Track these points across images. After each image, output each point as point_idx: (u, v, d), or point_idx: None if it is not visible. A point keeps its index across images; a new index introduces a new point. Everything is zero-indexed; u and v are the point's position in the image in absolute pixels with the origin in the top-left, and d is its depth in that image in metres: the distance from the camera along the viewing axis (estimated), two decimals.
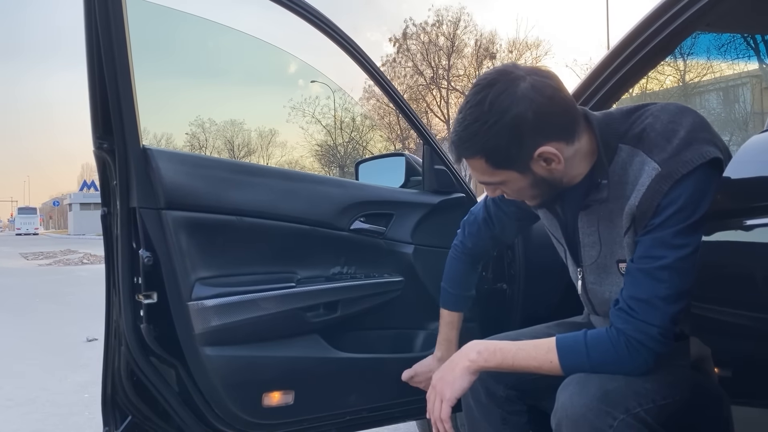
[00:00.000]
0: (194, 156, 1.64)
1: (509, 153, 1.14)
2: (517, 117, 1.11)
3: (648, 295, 1.12)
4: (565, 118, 1.15)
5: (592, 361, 1.15)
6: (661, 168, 1.12)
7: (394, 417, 1.83)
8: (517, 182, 1.21)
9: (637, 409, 1.11)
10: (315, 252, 1.66)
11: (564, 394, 1.14)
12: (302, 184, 1.68)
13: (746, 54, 2.95)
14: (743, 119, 20.15)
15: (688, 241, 1.10)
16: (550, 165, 1.16)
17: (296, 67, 21.62)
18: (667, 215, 1.11)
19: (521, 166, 1.17)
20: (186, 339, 1.48)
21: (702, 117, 1.18)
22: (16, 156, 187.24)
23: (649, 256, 1.13)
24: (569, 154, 1.17)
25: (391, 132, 29.08)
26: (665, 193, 1.11)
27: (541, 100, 1.11)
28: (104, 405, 1.59)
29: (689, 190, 1.10)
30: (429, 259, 1.80)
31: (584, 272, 1.34)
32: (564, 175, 1.20)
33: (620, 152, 1.18)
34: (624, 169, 1.18)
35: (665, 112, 1.18)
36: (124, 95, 1.40)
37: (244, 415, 1.54)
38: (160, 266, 1.46)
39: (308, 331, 1.62)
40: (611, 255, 1.26)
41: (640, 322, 1.12)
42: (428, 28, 29.49)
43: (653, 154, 1.13)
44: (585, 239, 1.30)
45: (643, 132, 1.16)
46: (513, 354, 1.22)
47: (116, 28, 1.37)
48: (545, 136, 1.13)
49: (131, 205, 1.47)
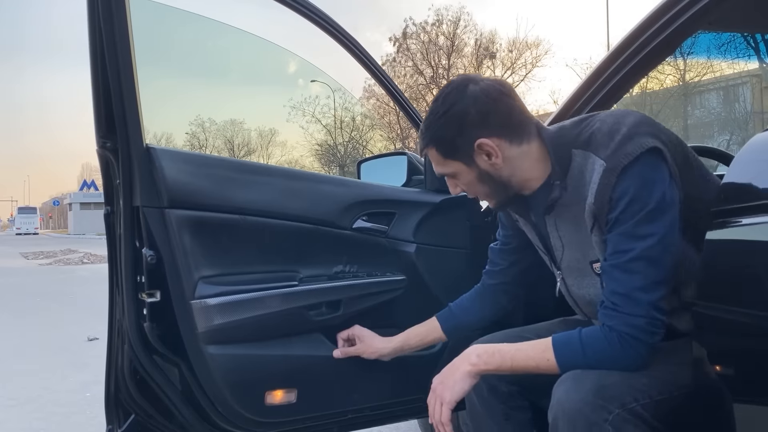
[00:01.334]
0: (197, 155, 1.64)
1: (454, 143, 1.28)
2: (462, 110, 1.26)
3: (626, 289, 1.16)
4: (508, 119, 1.27)
5: (588, 359, 1.18)
6: (607, 163, 1.19)
7: (396, 415, 1.84)
8: (466, 175, 1.32)
9: (633, 404, 1.13)
10: (318, 251, 1.66)
11: (560, 389, 1.16)
12: (305, 183, 1.68)
13: (746, 53, 2.95)
14: (743, 119, 20.14)
15: (651, 230, 1.16)
16: (491, 159, 1.28)
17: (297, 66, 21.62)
18: (622, 208, 1.17)
19: (466, 157, 1.29)
20: (189, 337, 1.48)
21: (646, 116, 1.27)
22: (17, 155, 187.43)
23: (618, 252, 1.18)
24: (513, 153, 1.28)
25: (391, 131, 29.08)
26: (613, 186, 1.18)
27: (486, 100, 1.26)
28: (107, 403, 1.60)
29: (637, 181, 1.17)
30: (431, 258, 1.80)
31: (563, 275, 1.40)
32: (511, 175, 1.30)
33: (575, 157, 1.26)
34: (581, 172, 1.25)
35: (611, 116, 1.28)
36: (127, 94, 1.40)
37: (247, 414, 1.55)
38: (164, 265, 1.46)
39: (311, 329, 1.63)
40: (584, 257, 1.32)
41: (625, 315, 1.15)
42: (428, 28, 29.51)
43: (600, 153, 1.21)
44: (556, 243, 1.37)
45: (592, 135, 1.25)
46: (511, 355, 1.25)
47: (119, 27, 1.37)
48: (485, 131, 1.26)
49: (134, 203, 1.48)
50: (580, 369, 1.17)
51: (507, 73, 28.92)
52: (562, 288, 1.43)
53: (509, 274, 1.59)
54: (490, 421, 1.47)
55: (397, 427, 2.77)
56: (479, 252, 1.86)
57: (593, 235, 1.26)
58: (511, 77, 28.90)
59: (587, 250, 1.31)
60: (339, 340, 1.66)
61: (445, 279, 1.82)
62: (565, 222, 1.33)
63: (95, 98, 1.46)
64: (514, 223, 1.54)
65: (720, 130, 21.01)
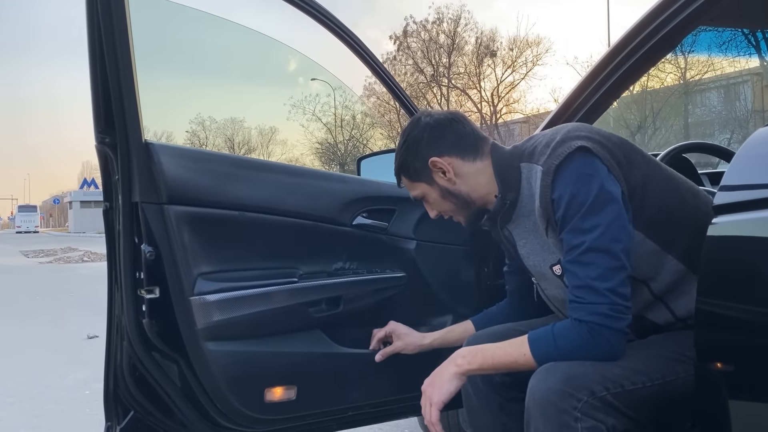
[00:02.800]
0: (196, 151, 1.64)
1: (414, 166, 1.45)
2: (415, 137, 1.44)
3: (584, 281, 1.22)
4: (459, 139, 1.42)
5: (560, 350, 1.23)
6: (542, 167, 1.30)
7: (396, 413, 1.84)
8: (431, 194, 1.47)
9: (603, 393, 1.17)
10: (317, 247, 1.65)
11: (533, 380, 1.22)
12: (305, 180, 1.68)
13: (747, 51, 2.94)
14: (744, 117, 20.12)
15: (596, 222, 1.22)
16: (446, 176, 1.42)
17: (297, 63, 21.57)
18: (564, 206, 1.25)
19: (426, 177, 1.44)
20: (188, 334, 1.48)
21: (584, 124, 1.39)
22: (17, 154, 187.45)
23: (571, 248, 1.25)
24: (466, 170, 1.42)
25: (392, 129, 29.06)
26: (551, 187, 1.27)
27: (435, 126, 1.43)
28: (106, 400, 1.59)
29: (572, 177, 1.25)
30: (431, 255, 1.80)
31: (537, 280, 1.48)
32: (470, 191, 1.43)
33: (523, 170, 1.37)
34: (528, 182, 1.36)
35: (553, 130, 1.37)
36: (126, 89, 1.39)
37: (246, 410, 1.55)
38: (163, 261, 1.46)
39: (310, 326, 1.62)
40: (544, 262, 1.40)
41: (588, 305, 1.21)
42: (429, 26, 29.46)
43: (540, 162, 1.32)
44: (521, 251, 1.46)
45: (534, 148, 1.36)
46: (492, 353, 1.32)
47: (118, 21, 1.37)
48: (436, 151, 1.42)
49: (133, 199, 1.47)
50: (555, 361, 1.22)
51: (508, 71, 28.93)
52: (540, 292, 1.49)
53: (525, 292, 1.61)
54: (486, 412, 1.50)
55: (397, 425, 2.77)
56: (479, 249, 1.86)
57: (549, 238, 1.34)
58: (512, 75, 28.91)
59: (546, 255, 1.38)
60: (374, 340, 1.70)
61: (445, 276, 1.82)
62: (524, 231, 1.41)
63: (94, 93, 1.45)
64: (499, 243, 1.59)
65: (721, 129, 21.00)
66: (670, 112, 21.96)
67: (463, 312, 1.79)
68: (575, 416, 1.14)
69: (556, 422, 1.15)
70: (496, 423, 1.50)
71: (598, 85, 1.76)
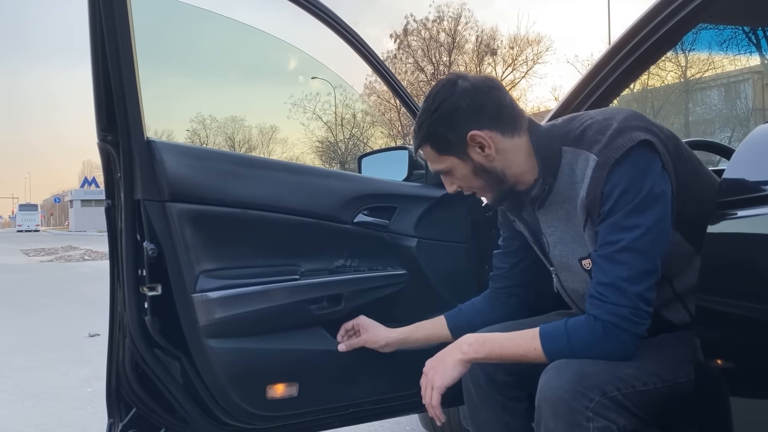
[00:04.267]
0: (198, 148, 1.64)
1: (447, 138, 1.30)
2: (453, 105, 1.28)
3: (612, 279, 1.18)
4: (500, 111, 1.29)
5: (573, 347, 1.20)
6: (598, 157, 1.21)
7: (397, 410, 1.84)
8: (461, 169, 1.34)
9: (615, 393, 1.15)
10: (318, 245, 1.66)
11: (544, 377, 1.19)
12: (306, 177, 1.68)
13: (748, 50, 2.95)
14: (745, 115, 20.10)
15: (639, 222, 1.17)
16: (484, 151, 1.29)
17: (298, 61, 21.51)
18: (613, 201, 1.19)
19: (459, 151, 1.31)
20: (190, 331, 1.48)
21: (637, 112, 1.28)
22: (18, 152, 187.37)
23: (606, 243, 1.20)
24: (506, 146, 1.30)
25: (392, 128, 29.05)
26: (605, 180, 1.20)
27: (475, 93, 1.28)
28: (109, 397, 1.60)
29: (628, 173, 1.18)
30: (432, 253, 1.80)
31: (557, 271, 1.43)
32: (505, 168, 1.32)
33: (565, 155, 1.28)
34: (571, 169, 1.27)
35: (601, 113, 1.30)
36: (128, 87, 1.40)
37: (248, 407, 1.55)
38: (165, 258, 1.46)
39: (312, 323, 1.63)
40: (573, 254, 1.35)
41: (610, 305, 1.17)
42: (429, 24, 29.47)
43: (592, 149, 1.23)
44: (548, 239, 1.40)
45: (584, 133, 1.26)
46: (500, 344, 1.29)
47: (120, 18, 1.37)
48: (477, 123, 1.28)
49: (135, 197, 1.47)
50: (566, 358, 1.20)
51: (508, 69, 28.90)
52: (557, 283, 1.45)
53: (513, 276, 1.60)
54: (488, 412, 1.48)
55: (398, 422, 2.77)
56: (480, 247, 1.86)
57: (586, 231, 1.28)
58: (513, 74, 28.89)
59: (576, 248, 1.33)
60: (342, 330, 1.66)
61: (446, 273, 1.82)
62: (556, 219, 1.35)
63: (96, 91, 1.46)
64: (512, 224, 1.55)
65: (721, 127, 21.00)
66: (670, 110, 21.95)
67: None
68: (587, 416, 1.12)
69: (567, 421, 1.13)
70: (498, 422, 1.48)
71: (598, 83, 1.76)
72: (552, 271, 1.45)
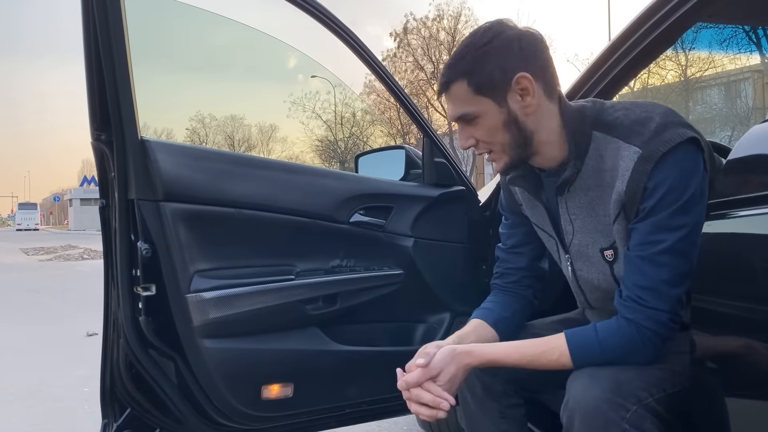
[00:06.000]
0: (193, 148, 1.63)
1: (492, 76, 1.19)
2: (506, 42, 1.18)
3: (653, 282, 1.12)
4: (547, 65, 1.21)
5: (605, 353, 1.15)
6: (642, 150, 1.14)
7: (394, 410, 1.83)
8: (492, 116, 1.21)
9: (648, 399, 1.12)
10: (314, 245, 1.65)
11: (576, 387, 1.13)
12: (302, 177, 1.67)
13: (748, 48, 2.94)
14: (745, 114, 20.10)
15: (684, 222, 1.11)
16: (524, 100, 1.19)
17: (297, 61, 21.54)
18: (658, 198, 1.13)
19: (499, 94, 1.19)
20: (185, 331, 1.48)
21: (672, 108, 1.21)
22: (17, 151, 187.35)
23: (648, 242, 1.14)
24: (544, 105, 1.21)
25: (392, 127, 29.04)
26: (649, 175, 1.13)
27: (529, 38, 1.20)
28: (103, 398, 1.59)
29: (675, 170, 1.12)
30: (429, 252, 1.79)
31: (572, 259, 1.35)
32: (535, 129, 1.22)
33: (594, 140, 1.21)
34: (600, 156, 1.20)
35: (636, 104, 1.23)
36: (121, 86, 1.39)
37: (243, 408, 1.54)
38: (159, 258, 1.46)
39: (307, 323, 1.62)
40: (593, 244, 1.28)
41: (650, 310, 1.12)
42: (429, 23, 29.42)
43: (631, 140, 1.16)
44: (567, 226, 1.32)
45: (617, 121, 1.20)
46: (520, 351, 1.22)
47: (113, 17, 1.36)
48: (526, 66, 1.18)
49: (129, 197, 1.47)
50: (597, 365, 1.15)
51: None
52: (568, 272, 1.38)
53: (523, 267, 1.50)
54: (486, 420, 1.44)
55: (396, 422, 2.76)
56: (477, 246, 1.85)
57: (616, 224, 1.21)
58: None
59: (598, 237, 1.27)
60: None
61: (442, 273, 1.82)
62: (579, 206, 1.27)
63: (89, 90, 1.45)
64: (518, 209, 1.47)
65: (721, 126, 20.99)
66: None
67: (460, 309, 1.78)
68: (624, 428, 1.07)
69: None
70: (496, 430, 1.44)
71: (597, 81, 1.76)
72: (566, 259, 1.37)
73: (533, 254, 1.50)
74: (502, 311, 1.44)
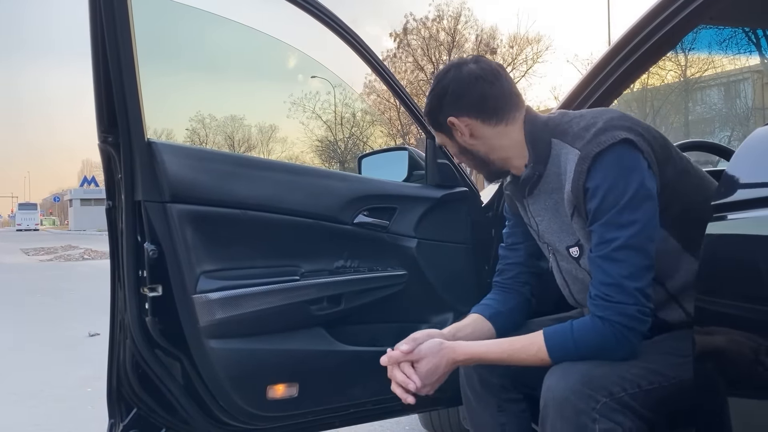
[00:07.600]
0: (199, 149, 1.64)
1: (437, 117, 1.40)
2: (442, 88, 1.37)
3: (615, 279, 1.19)
4: (482, 102, 1.35)
5: (580, 350, 1.21)
6: (581, 152, 1.24)
7: (398, 410, 1.84)
8: (451, 147, 1.44)
9: (621, 394, 1.16)
10: (319, 245, 1.66)
11: (550, 378, 1.20)
12: (306, 178, 1.68)
13: (748, 49, 2.95)
14: (745, 114, 20.10)
15: (634, 218, 1.19)
16: (463, 136, 1.37)
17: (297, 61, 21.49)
18: (600, 198, 1.21)
19: (446, 131, 1.40)
20: (191, 332, 1.49)
21: (626, 114, 1.32)
22: (17, 151, 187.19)
23: (603, 242, 1.22)
24: (486, 133, 1.36)
25: (392, 127, 29.04)
26: (587, 174, 1.22)
27: (466, 80, 1.34)
28: (110, 398, 1.60)
29: (612, 170, 1.21)
30: (432, 253, 1.80)
31: (551, 252, 1.45)
32: (489, 152, 1.38)
33: (554, 146, 1.32)
34: (558, 160, 1.31)
35: (590, 112, 1.34)
36: (128, 88, 1.40)
37: (248, 408, 1.55)
38: (165, 259, 1.47)
39: (312, 324, 1.63)
40: (560, 242, 1.39)
41: (617, 305, 1.18)
42: (429, 23, 29.41)
43: (575, 144, 1.27)
44: (539, 226, 1.43)
45: (570, 128, 1.30)
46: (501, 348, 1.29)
47: (120, 20, 1.37)
48: (455, 110, 1.36)
49: (136, 198, 1.48)
50: (573, 361, 1.21)
51: (508, 68, 28.86)
52: (554, 266, 1.47)
53: (520, 262, 1.56)
54: (485, 414, 1.50)
55: (399, 422, 2.77)
56: (480, 247, 1.86)
57: (574, 222, 1.31)
58: (512, 73, 28.86)
59: (563, 236, 1.37)
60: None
61: (446, 274, 1.83)
62: (544, 208, 1.38)
63: (97, 92, 1.46)
64: (517, 210, 1.54)
65: (721, 126, 21.00)
66: (670, 109, 21.96)
67: (464, 310, 1.79)
68: (593, 417, 1.13)
69: (573, 423, 1.14)
70: (495, 423, 1.49)
71: (599, 83, 1.77)
72: (549, 253, 1.47)
73: (530, 250, 1.57)
74: (499, 306, 1.52)
